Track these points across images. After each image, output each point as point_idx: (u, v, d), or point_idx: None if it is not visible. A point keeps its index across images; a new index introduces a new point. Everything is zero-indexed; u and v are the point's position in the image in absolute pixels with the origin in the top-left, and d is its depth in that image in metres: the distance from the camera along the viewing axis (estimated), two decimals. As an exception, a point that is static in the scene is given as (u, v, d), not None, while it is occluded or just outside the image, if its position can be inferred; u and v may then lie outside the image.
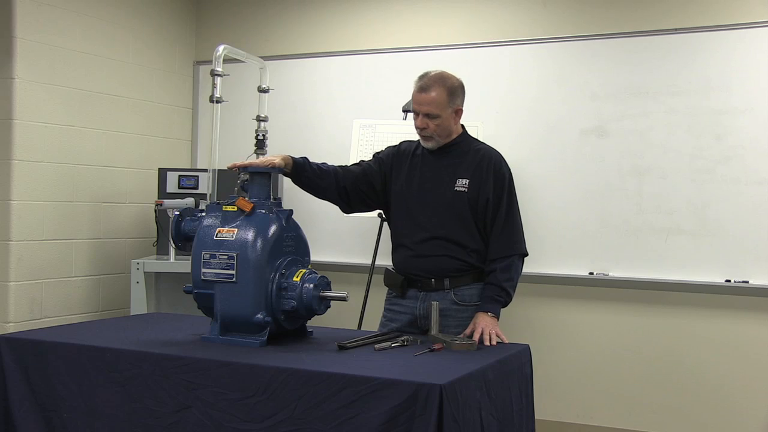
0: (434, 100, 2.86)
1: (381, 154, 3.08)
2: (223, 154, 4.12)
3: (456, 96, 2.91)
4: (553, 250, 4.23)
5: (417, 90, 2.90)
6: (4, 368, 2.59)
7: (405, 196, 2.97)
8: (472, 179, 2.90)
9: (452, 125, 2.94)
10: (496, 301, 2.87)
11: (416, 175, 2.97)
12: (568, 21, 4.29)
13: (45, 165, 4.26)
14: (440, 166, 2.95)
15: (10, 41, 4.10)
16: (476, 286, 2.94)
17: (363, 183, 2.99)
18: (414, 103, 2.92)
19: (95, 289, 4.56)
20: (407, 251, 2.96)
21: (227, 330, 2.59)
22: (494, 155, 2.96)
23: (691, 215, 3.97)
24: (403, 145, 3.08)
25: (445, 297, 2.90)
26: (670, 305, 4.05)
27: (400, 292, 2.98)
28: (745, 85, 3.90)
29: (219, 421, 2.26)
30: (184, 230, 2.76)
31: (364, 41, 4.77)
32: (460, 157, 2.95)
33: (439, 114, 2.87)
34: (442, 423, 2.01)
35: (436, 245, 2.90)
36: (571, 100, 4.24)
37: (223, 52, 4.14)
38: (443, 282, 2.91)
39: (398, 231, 3.01)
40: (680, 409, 4.03)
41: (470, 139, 3.03)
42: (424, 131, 2.91)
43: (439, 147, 2.96)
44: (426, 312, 2.89)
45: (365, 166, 3.03)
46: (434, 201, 2.92)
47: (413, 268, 2.95)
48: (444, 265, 2.90)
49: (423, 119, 2.88)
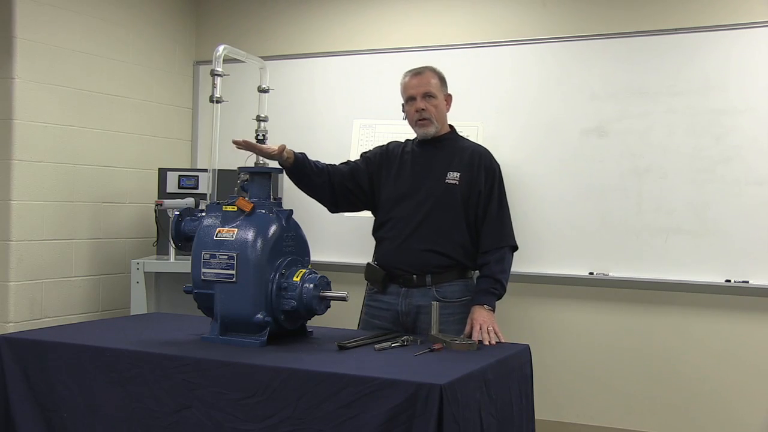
0: (429, 81, 2.96)
1: (369, 153, 3.11)
2: (223, 154, 4.09)
3: (445, 84, 3.05)
4: (553, 250, 4.23)
5: (411, 76, 2.99)
6: (4, 368, 2.59)
7: (394, 190, 2.98)
8: (464, 172, 2.93)
9: (445, 112, 3.03)
10: (491, 294, 2.87)
11: (406, 170, 2.99)
12: (568, 21, 4.29)
13: (45, 165, 4.26)
14: (431, 159, 2.98)
15: (10, 41, 4.10)
16: (458, 283, 2.94)
17: (350, 181, 3.00)
18: (410, 88, 2.97)
19: (95, 289, 4.56)
20: (392, 243, 2.96)
21: (227, 330, 2.59)
22: (484, 151, 3.03)
23: (691, 215, 3.97)
24: (391, 145, 3.11)
25: (427, 293, 2.90)
26: (670, 305, 4.05)
27: (381, 287, 2.97)
28: (745, 84, 3.90)
29: (219, 421, 2.26)
30: (184, 230, 2.76)
31: (364, 41, 4.77)
32: (451, 151, 2.99)
33: (435, 95, 2.96)
34: (442, 423, 2.01)
35: (423, 237, 2.90)
36: (571, 100, 4.23)
37: (223, 52, 4.12)
38: (425, 278, 2.91)
39: (385, 224, 3.00)
40: (680, 409, 4.03)
41: (459, 136, 3.10)
42: (424, 113, 2.95)
43: (429, 140, 2.98)
44: (408, 309, 2.90)
45: (353, 165, 3.06)
46: (425, 192, 2.93)
47: (396, 262, 2.94)
48: (427, 260, 2.90)
49: (422, 101, 2.94)
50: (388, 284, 2.97)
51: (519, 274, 4.29)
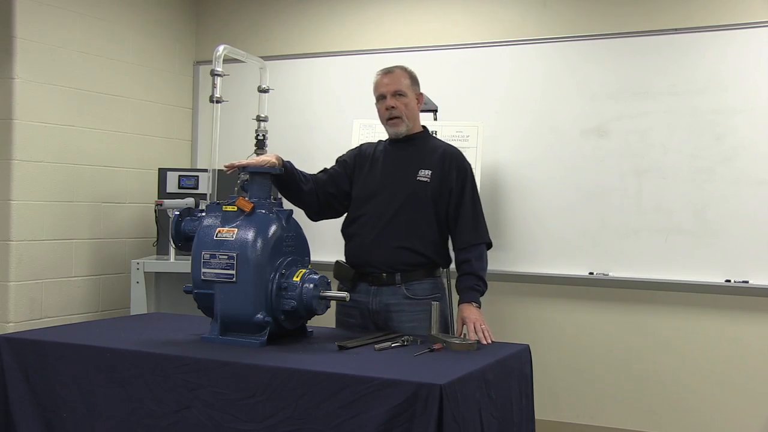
0: (400, 80, 2.96)
1: (344, 156, 3.12)
2: (223, 154, 4.11)
3: (416, 82, 3.03)
4: (553, 250, 4.23)
5: (381, 76, 3.00)
6: (4, 368, 2.59)
7: (365, 187, 2.99)
8: (435, 170, 2.94)
9: (416, 110, 3.03)
10: (477, 291, 2.89)
11: (378, 168, 3.01)
12: (568, 21, 4.29)
13: (45, 165, 4.26)
14: (403, 157, 3.00)
15: (10, 41, 4.10)
16: (427, 281, 2.95)
17: (331, 186, 3.01)
18: (380, 86, 2.99)
19: (95, 289, 4.56)
20: (362, 240, 2.96)
21: (227, 330, 2.59)
22: (455, 150, 3.03)
23: (691, 215, 3.97)
24: (364, 146, 3.13)
25: (397, 292, 2.91)
26: (670, 305, 4.05)
27: (350, 285, 2.97)
28: (745, 84, 3.90)
29: (219, 421, 2.26)
30: (184, 230, 2.76)
31: (364, 41, 4.77)
32: (423, 149, 3.00)
33: (406, 93, 2.96)
34: (442, 423, 2.00)
35: (393, 234, 2.90)
36: (571, 100, 4.24)
37: (223, 52, 4.14)
38: (395, 277, 2.91)
39: (355, 221, 3.00)
40: (680, 409, 4.03)
41: (431, 136, 3.11)
42: (394, 111, 2.96)
43: (402, 139, 3.00)
44: (379, 307, 2.91)
45: (331, 171, 3.07)
46: (395, 190, 2.94)
47: (366, 259, 2.94)
48: (398, 257, 2.90)
49: (392, 99, 2.95)
50: (358, 283, 2.97)
51: (519, 274, 4.30)
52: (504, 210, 4.32)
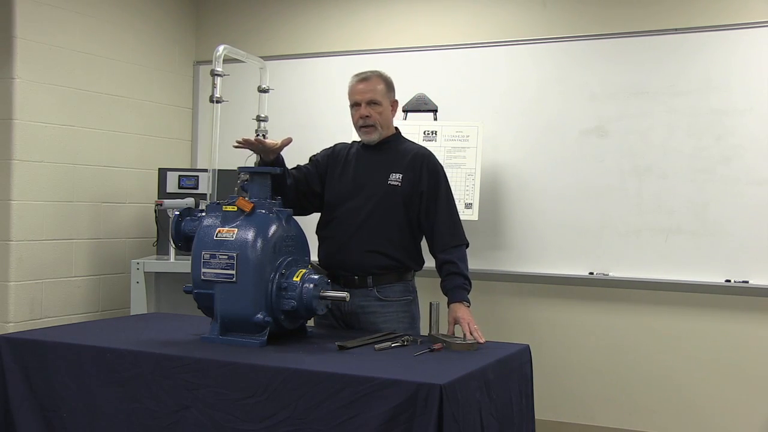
0: (375, 88, 2.98)
1: (317, 156, 3.14)
2: (223, 154, 4.11)
3: (391, 89, 3.05)
4: (553, 250, 4.23)
5: (356, 82, 3.01)
6: (4, 368, 2.59)
7: (337, 191, 3.00)
8: (405, 174, 2.95)
9: (390, 118, 3.04)
10: (465, 290, 2.90)
11: (350, 171, 3.02)
12: (568, 21, 4.29)
13: (45, 165, 4.26)
14: (374, 162, 3.00)
15: (10, 41, 4.10)
16: (399, 285, 2.97)
17: (303, 185, 3.02)
18: (355, 94, 3.00)
19: (95, 289, 4.56)
20: (334, 243, 2.97)
21: (227, 330, 2.59)
22: (426, 153, 3.03)
23: (691, 215, 3.97)
24: (338, 147, 3.15)
25: (369, 294, 2.93)
26: (670, 305, 4.05)
27: None
28: (745, 85, 3.90)
29: (219, 421, 2.26)
30: (184, 230, 2.76)
31: (364, 41, 4.77)
32: (394, 153, 3.01)
33: (380, 102, 2.97)
34: (442, 423, 2.01)
35: (365, 238, 2.91)
36: (570, 100, 4.24)
37: (223, 52, 4.14)
38: (366, 280, 2.93)
39: (329, 224, 3.01)
40: (680, 409, 4.03)
41: (403, 138, 3.11)
42: (368, 120, 2.97)
43: (373, 144, 3.00)
44: (351, 309, 2.92)
45: (304, 169, 3.07)
46: (367, 194, 2.95)
47: (338, 262, 2.95)
48: (370, 260, 2.92)
49: (367, 107, 2.96)
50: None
51: (519, 274, 4.30)
52: (504, 210, 4.32)
